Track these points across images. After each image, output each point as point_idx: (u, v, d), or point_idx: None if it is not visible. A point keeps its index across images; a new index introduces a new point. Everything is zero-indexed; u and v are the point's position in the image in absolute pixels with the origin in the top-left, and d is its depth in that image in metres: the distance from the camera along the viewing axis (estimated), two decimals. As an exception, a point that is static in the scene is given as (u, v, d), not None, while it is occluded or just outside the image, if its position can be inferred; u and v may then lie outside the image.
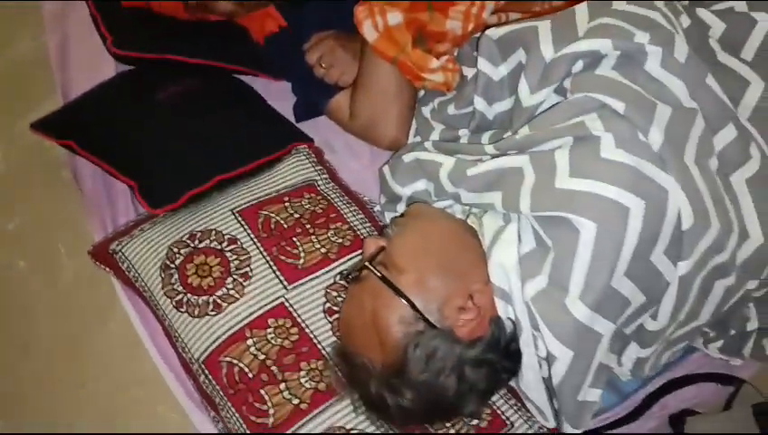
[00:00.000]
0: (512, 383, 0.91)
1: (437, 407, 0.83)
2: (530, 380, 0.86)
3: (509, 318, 0.84)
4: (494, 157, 0.89)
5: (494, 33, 0.96)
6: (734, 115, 0.86)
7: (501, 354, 0.84)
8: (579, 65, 0.88)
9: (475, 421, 0.90)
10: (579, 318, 0.78)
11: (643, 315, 0.86)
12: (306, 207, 1.04)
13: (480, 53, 0.98)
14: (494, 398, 0.93)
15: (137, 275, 1.00)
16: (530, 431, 0.92)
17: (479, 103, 1.00)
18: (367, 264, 0.85)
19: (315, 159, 1.13)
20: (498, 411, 0.92)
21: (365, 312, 0.84)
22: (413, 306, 0.81)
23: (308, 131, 1.19)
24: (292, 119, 1.21)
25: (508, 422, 0.92)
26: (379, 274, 0.84)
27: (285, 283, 0.96)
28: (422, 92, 1.14)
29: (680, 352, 1.04)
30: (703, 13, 0.95)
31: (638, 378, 0.97)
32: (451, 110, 1.07)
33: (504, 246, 0.84)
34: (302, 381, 0.90)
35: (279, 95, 1.22)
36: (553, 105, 0.88)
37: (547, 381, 0.85)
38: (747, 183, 0.85)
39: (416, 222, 0.90)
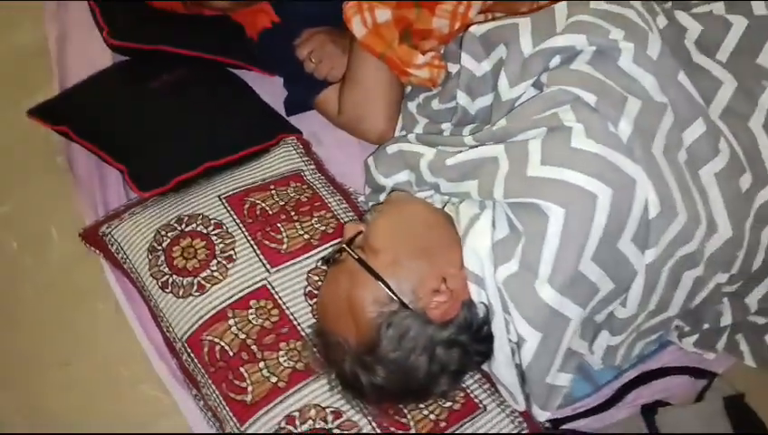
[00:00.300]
0: (485, 368, 0.94)
1: (409, 386, 0.86)
2: (501, 363, 0.88)
3: (482, 302, 0.87)
4: (472, 148, 0.92)
5: (477, 29, 1.00)
6: (704, 111, 0.89)
7: (472, 337, 0.87)
8: (556, 60, 0.91)
9: (448, 403, 0.92)
10: (547, 301, 0.81)
11: (613, 303, 0.88)
12: (291, 195, 1.07)
13: (464, 49, 1.01)
14: (469, 382, 0.95)
15: (125, 256, 1.03)
16: (502, 415, 0.94)
17: (461, 98, 1.03)
18: (344, 246, 0.88)
19: (303, 151, 1.16)
20: (472, 395, 0.95)
21: (341, 292, 0.86)
22: (387, 287, 0.84)
23: (298, 125, 1.22)
24: (283, 112, 1.24)
25: (481, 405, 0.94)
26: (355, 256, 0.86)
27: (268, 266, 0.99)
28: (409, 88, 1.17)
29: (655, 346, 1.06)
30: (681, 15, 0.98)
31: (609, 366, 0.99)
32: (435, 104, 1.11)
33: (479, 233, 0.86)
34: (281, 360, 0.93)
35: (271, 90, 1.26)
36: (530, 98, 0.91)
37: (518, 365, 0.88)
38: (716, 177, 0.88)
39: (393, 208, 0.93)
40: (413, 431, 0.89)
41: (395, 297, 0.84)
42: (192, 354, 0.95)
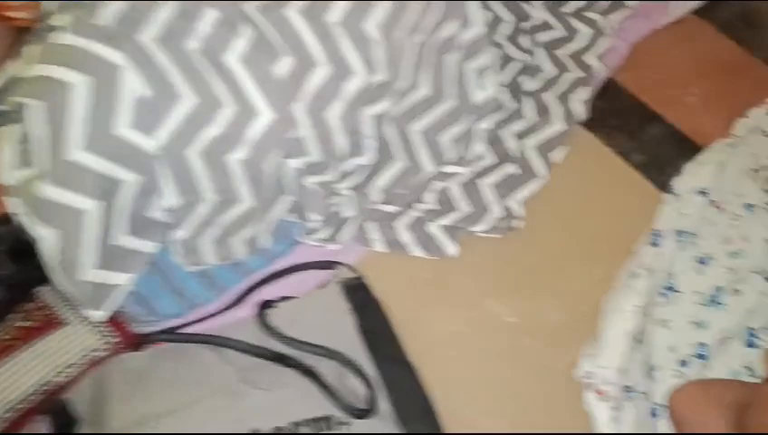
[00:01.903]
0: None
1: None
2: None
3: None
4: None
5: None
6: (222, 2, 0.91)
7: (10, 247, 0.88)
8: None
9: (26, 323, 0.93)
10: (48, 196, 0.82)
11: (152, 195, 0.90)
12: None
13: None
14: (55, 303, 0.95)
15: None
16: (87, 327, 0.94)
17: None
18: None
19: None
20: (54, 314, 0.94)
21: None
22: None
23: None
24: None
25: (61, 320, 0.93)
26: None
27: None
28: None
29: (282, 246, 1.08)
30: None
31: (196, 264, 0.99)
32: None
33: (4, 146, 0.87)
34: None
35: None
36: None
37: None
38: (243, 62, 0.91)
39: None
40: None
41: None
42: None
